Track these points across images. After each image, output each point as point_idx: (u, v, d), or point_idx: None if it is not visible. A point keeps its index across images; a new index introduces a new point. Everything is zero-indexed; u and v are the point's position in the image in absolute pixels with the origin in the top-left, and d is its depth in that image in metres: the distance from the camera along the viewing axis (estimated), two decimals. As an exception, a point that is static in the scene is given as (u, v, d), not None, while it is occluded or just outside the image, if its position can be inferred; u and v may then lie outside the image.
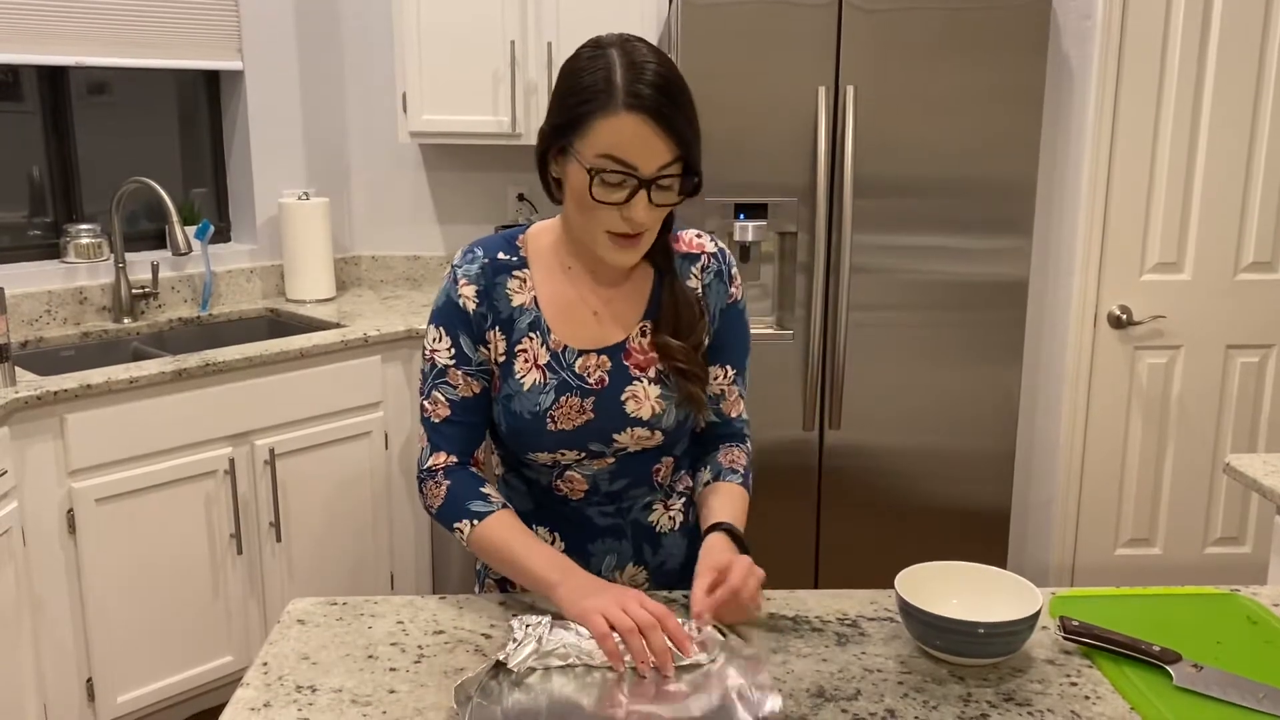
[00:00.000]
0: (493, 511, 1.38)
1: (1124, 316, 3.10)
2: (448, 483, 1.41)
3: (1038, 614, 1.21)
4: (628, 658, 1.19)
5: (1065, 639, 1.27)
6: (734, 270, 1.48)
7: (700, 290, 1.44)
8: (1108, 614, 1.32)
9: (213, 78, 3.42)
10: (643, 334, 1.42)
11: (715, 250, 1.47)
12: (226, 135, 3.46)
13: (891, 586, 1.34)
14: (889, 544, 3.03)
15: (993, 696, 1.17)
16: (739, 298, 1.48)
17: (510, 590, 1.51)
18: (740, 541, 1.37)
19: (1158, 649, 1.22)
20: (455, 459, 1.43)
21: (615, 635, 1.20)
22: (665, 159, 1.26)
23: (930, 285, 2.92)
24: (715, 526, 1.38)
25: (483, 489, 1.41)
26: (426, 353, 1.43)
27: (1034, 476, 3.29)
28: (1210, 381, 3.17)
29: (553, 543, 1.49)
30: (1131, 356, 3.16)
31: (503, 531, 1.36)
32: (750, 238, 2.84)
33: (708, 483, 1.48)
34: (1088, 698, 1.17)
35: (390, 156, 3.62)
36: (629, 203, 1.28)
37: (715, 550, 1.33)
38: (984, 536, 3.04)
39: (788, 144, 2.82)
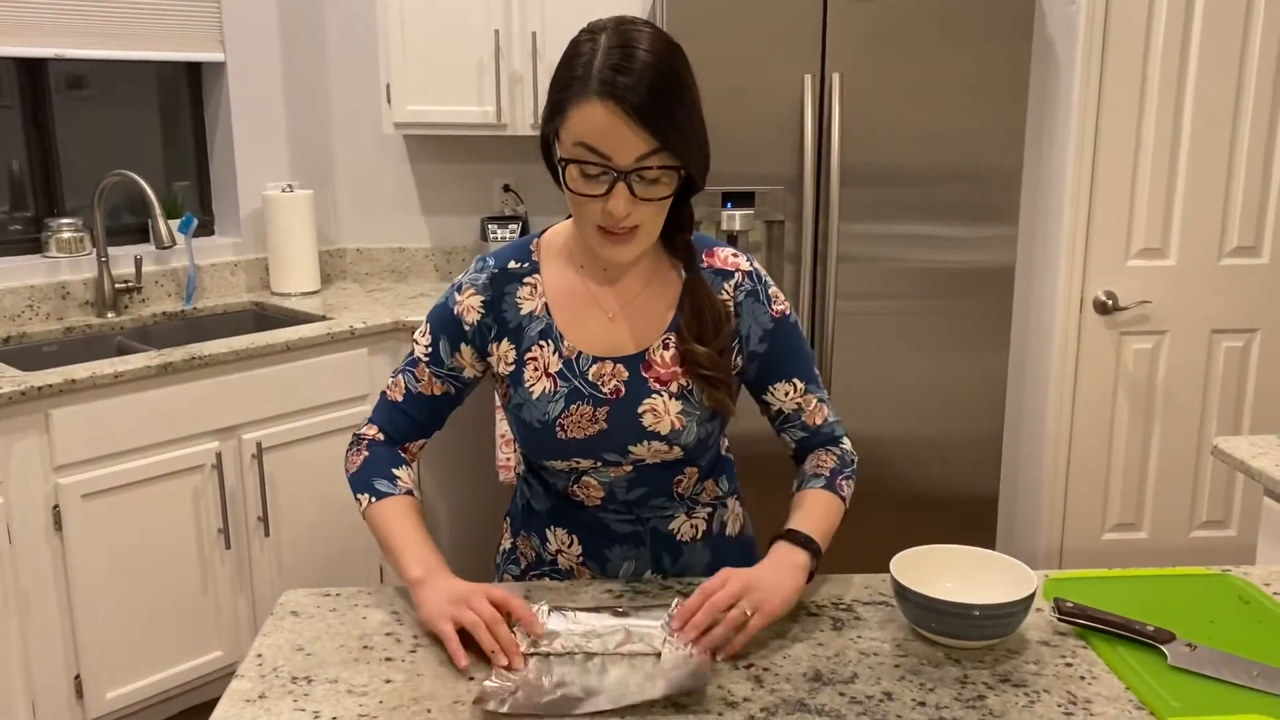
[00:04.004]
0: (392, 495, 1.37)
1: (1109, 302, 3.12)
2: (366, 454, 1.43)
3: (1033, 596, 1.21)
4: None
5: (1060, 620, 1.27)
6: (772, 289, 1.43)
7: (731, 306, 1.39)
8: (1101, 595, 1.33)
9: (194, 69, 3.39)
10: (665, 346, 1.37)
11: (750, 269, 1.41)
12: (209, 128, 3.44)
13: (881, 572, 1.34)
14: (878, 531, 3.01)
15: (989, 678, 1.17)
16: (787, 312, 1.42)
17: (530, 582, 1.50)
18: (809, 546, 1.32)
19: (1152, 629, 1.23)
20: (383, 437, 1.45)
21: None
22: (642, 149, 1.21)
23: (917, 273, 2.93)
24: (781, 534, 1.34)
25: (395, 470, 1.40)
26: (414, 339, 1.44)
27: (1021, 462, 3.30)
28: (1195, 366, 3.19)
29: (570, 546, 1.47)
30: (1117, 342, 3.17)
31: (392, 516, 1.36)
32: (737, 226, 2.83)
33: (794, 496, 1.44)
34: (1083, 678, 1.17)
35: (375, 148, 3.60)
36: (608, 195, 1.23)
37: (766, 561, 1.30)
38: (972, 522, 3.05)
39: (774, 132, 2.82)
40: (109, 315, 3.05)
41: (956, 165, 2.86)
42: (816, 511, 1.38)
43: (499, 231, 3.44)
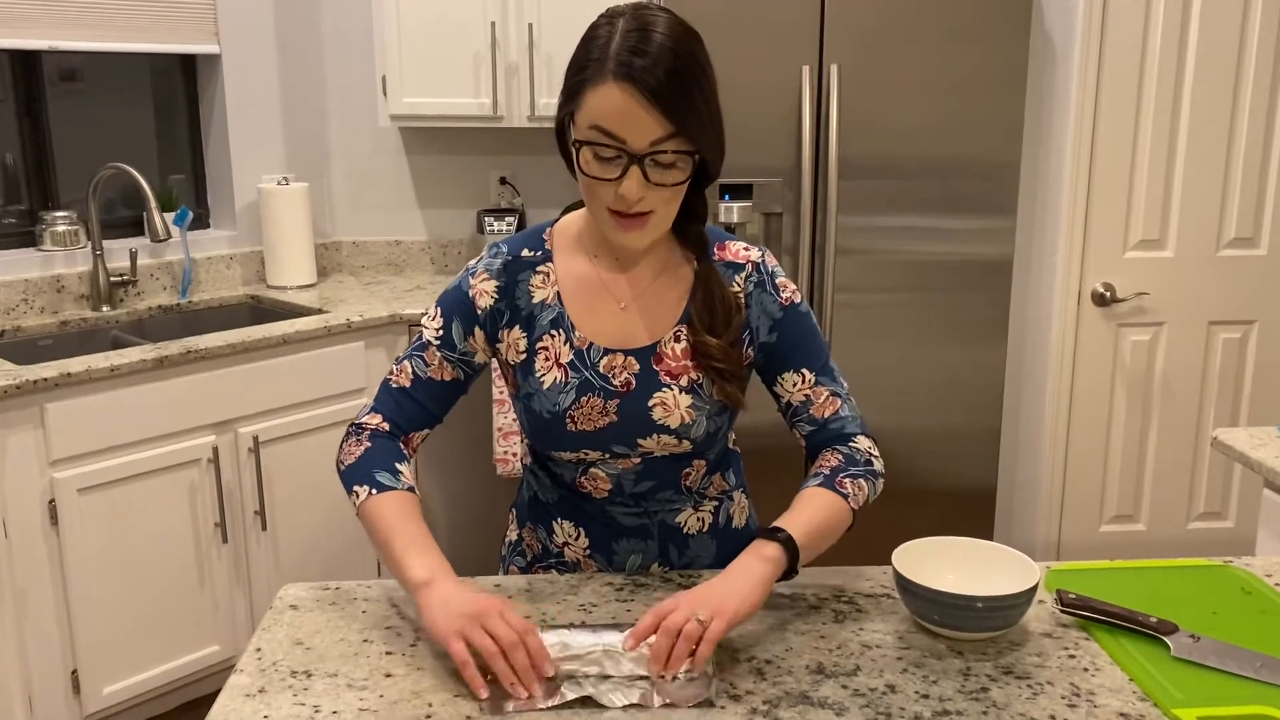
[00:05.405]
0: (395, 489, 1.31)
1: (1107, 294, 3.11)
2: (368, 445, 1.37)
3: (1035, 587, 1.21)
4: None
5: (1062, 612, 1.27)
6: (780, 279, 1.40)
7: (742, 299, 1.38)
8: (1103, 587, 1.33)
9: (189, 62, 3.37)
10: (677, 339, 1.35)
11: (758, 259, 1.39)
12: (204, 120, 3.42)
13: (883, 564, 1.34)
14: (876, 524, 3.00)
15: (992, 670, 1.17)
16: (796, 300, 1.40)
17: (533, 573, 1.49)
18: (782, 539, 1.25)
19: (1155, 620, 1.22)
20: (388, 427, 1.39)
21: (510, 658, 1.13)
22: (657, 133, 1.20)
23: (915, 266, 2.92)
24: (760, 532, 1.28)
25: (398, 464, 1.34)
26: (420, 325, 1.41)
27: (1020, 455, 3.30)
28: (1193, 358, 3.19)
29: (577, 538, 1.45)
30: (1115, 334, 3.17)
31: (394, 510, 1.29)
32: (735, 219, 2.82)
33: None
34: (1086, 670, 1.17)
35: (371, 140, 3.58)
36: (621, 178, 1.22)
37: (728, 568, 1.23)
38: (971, 515, 3.05)
39: (773, 124, 2.81)
40: (104, 309, 3.03)
41: (955, 158, 2.86)
42: (805, 509, 1.31)
43: (495, 224, 3.43)
